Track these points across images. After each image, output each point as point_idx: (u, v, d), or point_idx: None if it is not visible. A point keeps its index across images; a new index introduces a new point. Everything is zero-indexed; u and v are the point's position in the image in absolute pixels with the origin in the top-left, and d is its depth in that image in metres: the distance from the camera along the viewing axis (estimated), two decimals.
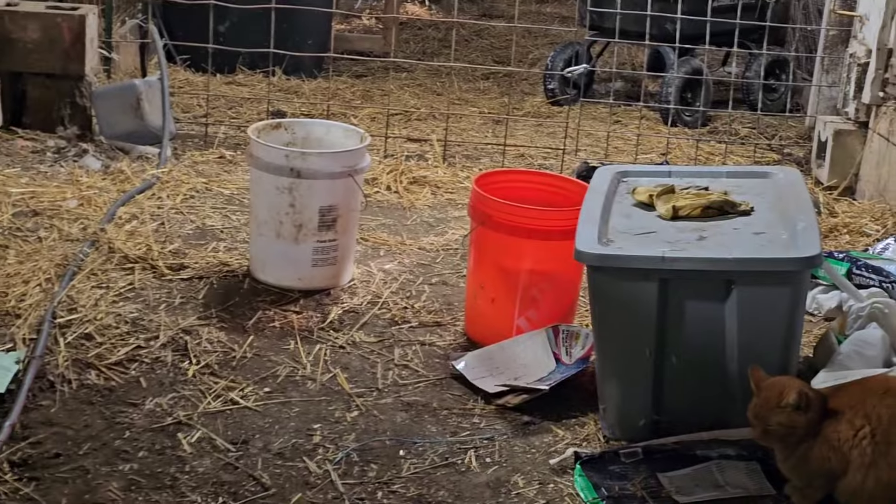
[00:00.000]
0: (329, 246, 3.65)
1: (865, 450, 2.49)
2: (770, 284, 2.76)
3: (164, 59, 5.15)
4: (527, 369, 3.25)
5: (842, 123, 5.23)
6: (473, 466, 2.82)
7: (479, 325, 3.47)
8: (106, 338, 3.22)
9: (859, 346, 3.11)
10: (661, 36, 6.03)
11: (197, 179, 4.61)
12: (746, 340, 2.80)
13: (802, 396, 2.55)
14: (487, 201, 3.34)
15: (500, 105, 6.34)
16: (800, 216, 2.96)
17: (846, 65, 5.40)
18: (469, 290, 3.49)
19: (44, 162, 4.61)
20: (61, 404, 2.91)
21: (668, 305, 2.81)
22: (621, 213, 3.07)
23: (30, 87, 4.87)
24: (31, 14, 4.76)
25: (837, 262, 3.85)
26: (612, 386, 2.92)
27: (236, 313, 3.50)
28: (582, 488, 2.72)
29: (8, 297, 3.36)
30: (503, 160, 5.32)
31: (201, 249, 3.92)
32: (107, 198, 4.27)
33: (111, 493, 2.58)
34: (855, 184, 5.14)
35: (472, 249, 3.47)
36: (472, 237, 3.43)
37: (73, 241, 3.85)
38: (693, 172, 3.40)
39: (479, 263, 3.44)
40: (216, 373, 3.15)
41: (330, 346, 3.37)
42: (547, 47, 7.72)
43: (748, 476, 2.74)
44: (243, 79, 6.41)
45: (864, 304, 3.46)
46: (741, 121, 6.40)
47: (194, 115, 5.62)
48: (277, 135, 3.80)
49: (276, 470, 2.74)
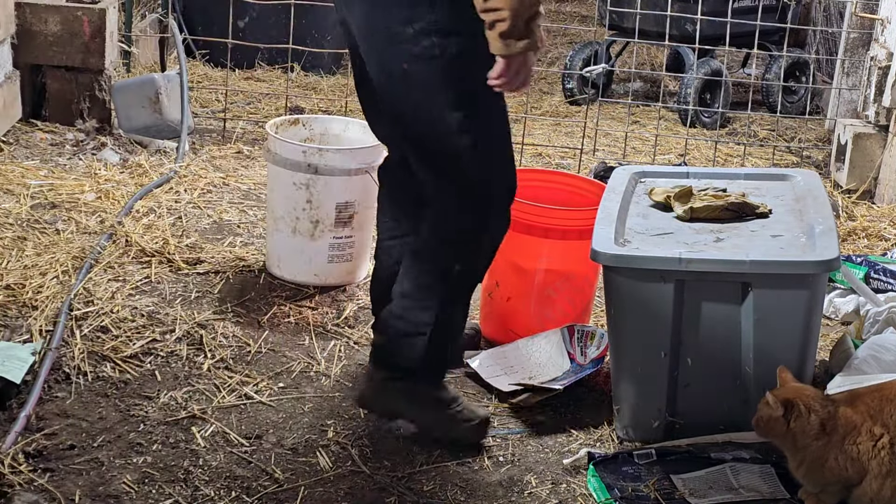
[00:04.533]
0: (345, 242, 3.66)
1: (884, 459, 2.48)
2: (787, 287, 2.75)
3: (183, 53, 5.16)
4: (541, 368, 3.24)
5: (861, 127, 5.20)
6: (486, 465, 2.82)
7: (494, 324, 3.46)
8: (122, 331, 3.24)
9: (876, 351, 3.10)
10: (680, 36, 6.01)
11: (214, 174, 4.62)
12: (762, 343, 2.80)
13: (789, 406, 2.55)
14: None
15: (518, 104, 6.33)
16: (818, 219, 2.95)
17: (867, 68, 5.37)
18: (484, 288, 3.49)
19: (62, 155, 4.63)
20: (76, 396, 2.92)
21: (685, 307, 2.80)
22: (638, 214, 3.07)
23: (49, 80, 4.89)
24: (52, 7, 4.78)
25: (855, 265, 3.84)
26: (627, 387, 2.92)
27: (252, 308, 3.51)
28: (595, 489, 2.71)
29: (25, 288, 3.37)
30: (521, 159, 5.31)
31: (218, 244, 3.93)
32: (124, 191, 4.28)
33: (125, 485, 2.59)
34: (874, 187, 5.11)
35: None
36: None
37: (91, 234, 3.86)
38: (711, 174, 3.39)
39: (494, 262, 3.42)
40: (231, 367, 3.16)
41: (345, 343, 3.37)
42: (566, 46, 7.71)
43: (762, 479, 2.73)
44: (262, 74, 6.41)
45: (881, 309, 3.45)
46: (760, 123, 6.37)
47: (212, 109, 5.63)
48: (295, 131, 3.80)
49: (290, 465, 2.74)
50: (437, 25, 2.60)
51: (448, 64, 2.62)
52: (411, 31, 2.61)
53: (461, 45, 2.62)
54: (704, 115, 6.21)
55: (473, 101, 2.66)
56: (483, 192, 2.75)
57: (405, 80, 2.66)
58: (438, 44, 2.61)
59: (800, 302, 2.77)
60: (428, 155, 2.76)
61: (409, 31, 2.61)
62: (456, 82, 2.64)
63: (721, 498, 2.66)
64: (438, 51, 2.61)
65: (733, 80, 6.66)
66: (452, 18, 2.60)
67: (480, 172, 2.73)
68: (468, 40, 2.60)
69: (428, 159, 2.77)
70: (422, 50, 2.62)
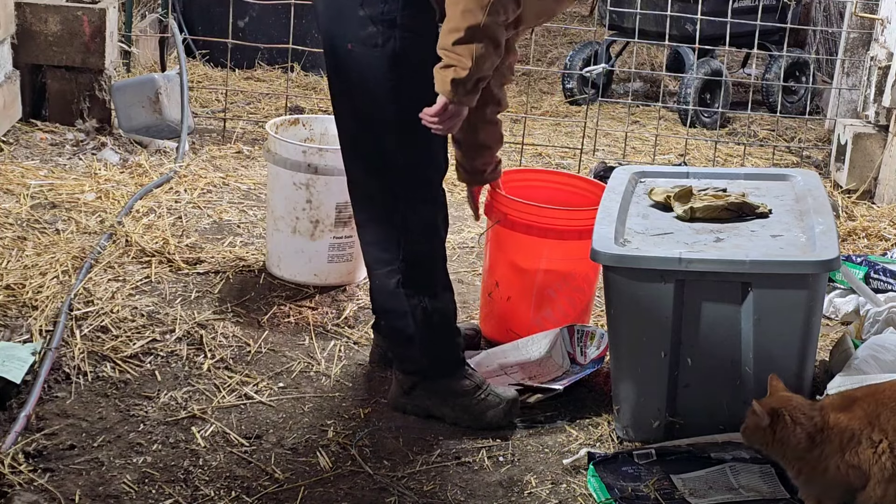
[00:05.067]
0: (345, 242, 3.66)
1: (885, 464, 2.48)
2: (787, 287, 2.75)
3: (183, 53, 5.16)
4: (541, 369, 3.25)
5: (861, 127, 5.20)
6: (486, 465, 2.82)
7: (494, 323, 3.46)
8: (122, 331, 3.24)
9: (876, 351, 3.10)
10: (680, 36, 6.02)
11: (214, 174, 4.62)
12: (762, 343, 2.79)
13: (775, 415, 2.55)
14: (504, 200, 3.33)
15: (518, 104, 6.34)
16: (818, 219, 2.95)
17: (867, 68, 5.37)
18: (484, 287, 3.49)
19: (62, 154, 4.63)
20: (76, 396, 2.92)
21: (684, 307, 2.80)
22: (638, 214, 3.07)
23: (50, 80, 4.89)
24: (52, 7, 4.78)
25: (855, 265, 3.84)
26: (627, 387, 2.92)
27: (252, 308, 3.51)
28: (595, 489, 2.71)
29: (25, 288, 3.37)
30: (521, 159, 5.31)
31: (218, 244, 3.93)
32: (124, 191, 4.28)
33: (125, 485, 2.59)
34: (874, 187, 5.11)
35: (487, 247, 3.46)
36: (488, 235, 3.43)
37: (91, 234, 3.86)
38: (711, 174, 3.39)
39: (494, 261, 3.43)
40: (231, 367, 3.16)
41: (345, 343, 3.37)
42: (566, 46, 7.71)
43: (762, 479, 2.73)
44: (262, 74, 6.42)
45: (881, 309, 3.45)
46: (760, 123, 6.37)
47: (212, 109, 5.63)
48: (295, 131, 3.80)
49: (290, 465, 2.74)
50: (385, 16, 2.68)
51: (389, 55, 2.70)
52: (361, 14, 2.70)
53: (405, 42, 2.70)
54: (704, 115, 6.21)
55: (410, 96, 2.73)
56: (401, 181, 2.84)
57: (348, 59, 2.75)
58: (382, 33, 2.69)
59: (800, 302, 2.76)
60: (358, 136, 2.85)
61: (360, 13, 2.70)
62: (394, 76, 2.72)
63: (721, 498, 2.66)
64: (381, 40, 2.69)
65: (733, 80, 6.66)
66: (404, 14, 2.68)
67: (400, 164, 2.82)
68: (413, 38, 2.70)
69: (359, 141, 2.86)
70: (366, 35, 2.70)
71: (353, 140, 2.88)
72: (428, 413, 2.98)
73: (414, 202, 2.86)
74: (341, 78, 2.81)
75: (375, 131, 2.80)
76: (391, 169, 2.83)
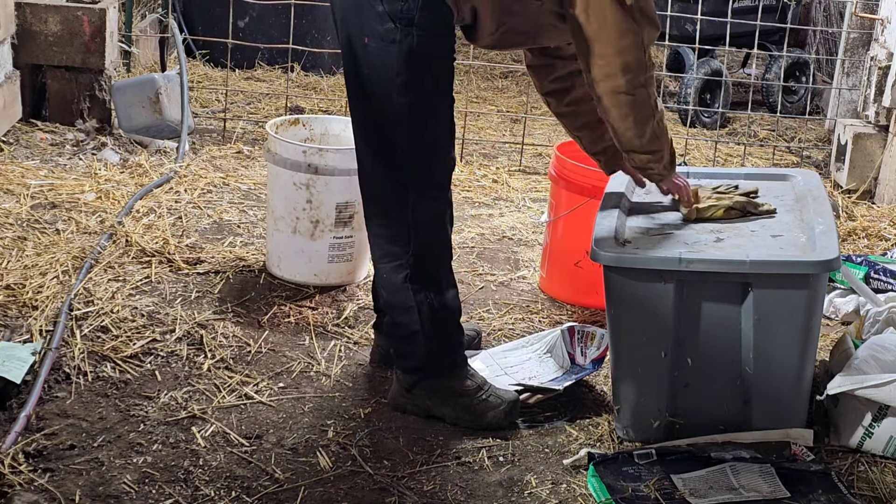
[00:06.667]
0: (345, 242, 3.66)
1: None
2: (787, 287, 2.75)
3: (183, 53, 5.16)
4: (541, 369, 3.25)
5: (862, 127, 5.20)
6: (486, 465, 2.82)
7: (577, 289, 3.73)
8: (122, 331, 3.24)
9: (876, 351, 3.09)
10: (680, 36, 6.02)
11: (214, 174, 4.62)
12: (762, 343, 2.80)
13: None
14: (591, 173, 3.49)
15: (518, 104, 6.34)
16: (818, 219, 2.95)
17: (867, 68, 5.37)
18: (554, 251, 3.78)
19: (63, 154, 4.63)
20: (76, 396, 2.92)
21: (685, 307, 2.80)
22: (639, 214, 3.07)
23: (50, 80, 4.89)
24: (52, 7, 4.78)
25: (855, 265, 3.84)
26: (627, 387, 2.92)
27: (252, 308, 3.51)
28: (595, 489, 2.71)
29: (25, 288, 3.37)
30: (521, 159, 5.31)
31: (218, 244, 3.93)
32: (125, 191, 4.28)
33: (125, 485, 2.59)
34: (874, 187, 5.12)
35: (559, 224, 3.71)
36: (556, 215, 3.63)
37: (91, 234, 3.86)
38: (711, 174, 3.39)
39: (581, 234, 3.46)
40: (231, 367, 3.16)
41: (345, 343, 3.37)
42: None
43: (762, 479, 2.73)
44: (262, 74, 6.42)
45: (881, 309, 3.45)
46: (760, 123, 6.38)
47: (213, 109, 5.63)
48: (295, 131, 3.80)
49: (290, 465, 2.74)
50: (404, 14, 2.70)
51: (405, 52, 2.72)
52: (379, 10, 2.71)
53: (422, 40, 2.71)
54: (704, 115, 6.21)
55: (420, 94, 2.76)
56: (412, 175, 2.85)
57: (364, 53, 2.76)
58: (401, 30, 2.70)
59: (800, 302, 2.76)
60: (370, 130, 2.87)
61: (378, 9, 2.71)
62: (408, 72, 2.74)
63: (721, 498, 2.66)
64: (399, 37, 2.71)
65: (733, 80, 6.66)
66: (422, 13, 2.70)
67: (411, 158, 2.83)
68: (429, 37, 2.72)
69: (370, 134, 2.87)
70: (384, 31, 2.72)
71: (365, 132, 2.89)
72: (428, 413, 2.98)
73: (424, 197, 2.87)
74: (356, 71, 2.82)
75: (387, 125, 2.82)
76: (402, 163, 2.84)
